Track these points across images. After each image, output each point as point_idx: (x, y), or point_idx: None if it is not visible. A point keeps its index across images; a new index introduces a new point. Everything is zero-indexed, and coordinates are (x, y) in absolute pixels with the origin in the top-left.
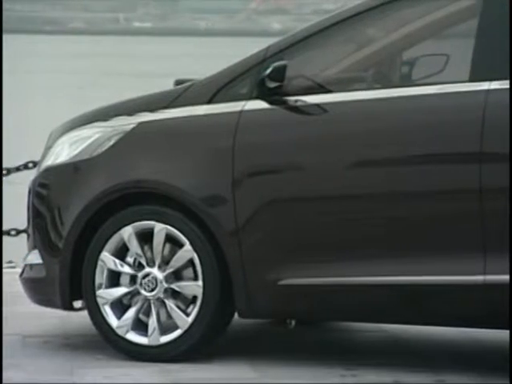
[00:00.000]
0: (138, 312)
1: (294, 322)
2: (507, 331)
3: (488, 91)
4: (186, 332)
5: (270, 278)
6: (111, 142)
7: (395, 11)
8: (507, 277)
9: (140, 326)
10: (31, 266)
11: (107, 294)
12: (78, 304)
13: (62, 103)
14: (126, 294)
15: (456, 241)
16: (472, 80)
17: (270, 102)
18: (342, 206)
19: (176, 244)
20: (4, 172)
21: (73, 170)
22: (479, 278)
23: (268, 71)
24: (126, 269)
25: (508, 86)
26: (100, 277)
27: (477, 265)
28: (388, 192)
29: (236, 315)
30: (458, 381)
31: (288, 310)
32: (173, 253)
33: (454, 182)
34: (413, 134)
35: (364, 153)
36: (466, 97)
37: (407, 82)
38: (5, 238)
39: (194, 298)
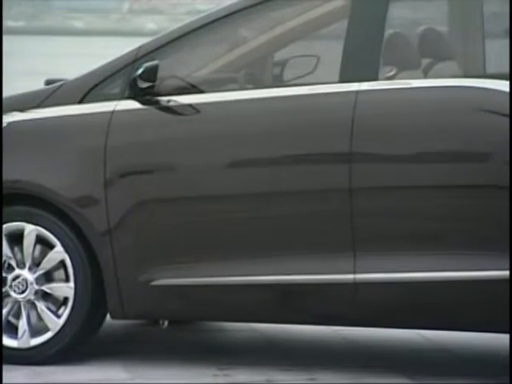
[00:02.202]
0: (7, 314)
1: (166, 323)
2: (377, 329)
3: (357, 92)
4: (57, 334)
5: (143, 278)
6: None
7: (267, 12)
8: (376, 275)
9: (10, 328)
10: None
11: None
12: None
13: None
14: None
15: (326, 240)
16: (342, 81)
17: (142, 102)
18: (214, 207)
19: (47, 245)
20: None
21: None
22: (349, 276)
23: (139, 71)
24: None
25: (377, 88)
26: None
27: (347, 263)
28: (259, 192)
29: (108, 316)
30: (329, 380)
31: (160, 311)
32: (44, 254)
33: (325, 181)
34: (284, 134)
35: (235, 153)
36: (336, 97)
37: (279, 82)
38: None
39: (66, 299)
